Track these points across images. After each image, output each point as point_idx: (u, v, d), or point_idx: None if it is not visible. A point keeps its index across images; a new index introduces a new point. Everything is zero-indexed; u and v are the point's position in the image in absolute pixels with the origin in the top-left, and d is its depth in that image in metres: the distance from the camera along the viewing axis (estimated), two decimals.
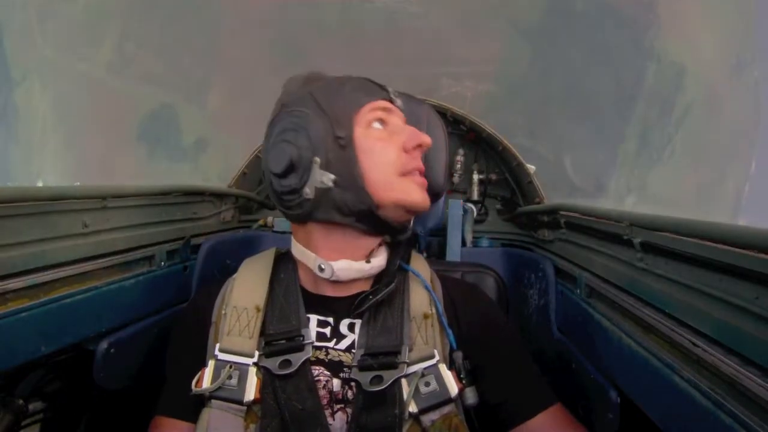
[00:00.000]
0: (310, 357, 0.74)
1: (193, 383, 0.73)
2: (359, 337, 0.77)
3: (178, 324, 0.87)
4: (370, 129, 0.77)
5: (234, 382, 0.71)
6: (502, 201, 1.58)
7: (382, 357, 0.74)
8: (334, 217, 0.76)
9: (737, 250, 0.51)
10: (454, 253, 1.31)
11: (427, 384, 0.72)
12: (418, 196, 0.78)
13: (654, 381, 0.62)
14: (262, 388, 0.72)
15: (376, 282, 0.82)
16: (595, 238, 0.92)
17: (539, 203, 1.39)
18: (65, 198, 0.80)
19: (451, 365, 0.76)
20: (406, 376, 0.72)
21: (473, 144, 1.55)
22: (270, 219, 1.53)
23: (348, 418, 0.72)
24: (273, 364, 0.73)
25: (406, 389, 0.71)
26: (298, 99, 0.78)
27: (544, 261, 1.12)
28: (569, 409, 0.79)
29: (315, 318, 0.80)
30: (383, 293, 0.77)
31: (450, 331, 0.78)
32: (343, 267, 0.78)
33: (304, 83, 0.82)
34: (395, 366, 0.72)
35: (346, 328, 0.79)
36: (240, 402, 0.70)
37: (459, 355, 0.76)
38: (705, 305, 0.57)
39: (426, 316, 0.79)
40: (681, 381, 0.57)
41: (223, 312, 0.79)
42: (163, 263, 1.06)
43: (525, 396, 0.77)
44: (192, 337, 0.81)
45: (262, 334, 0.76)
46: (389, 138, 0.78)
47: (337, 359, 0.76)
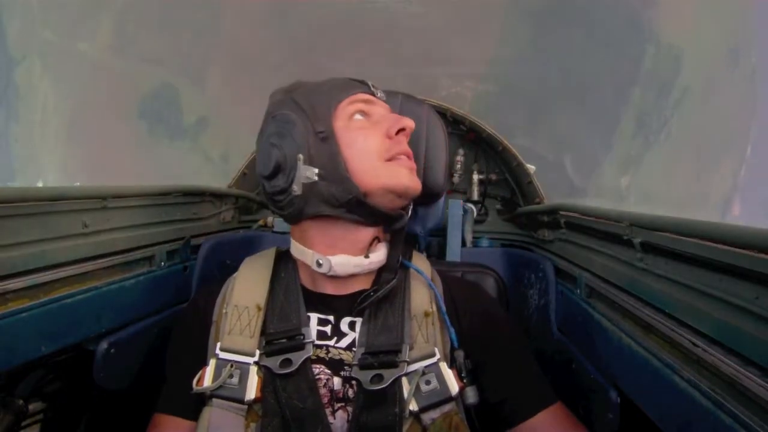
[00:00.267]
0: (310, 356, 0.75)
1: (194, 382, 0.73)
2: (360, 336, 0.77)
3: (178, 323, 0.88)
4: (351, 121, 0.78)
5: (235, 381, 0.72)
6: (502, 201, 1.58)
7: (382, 356, 0.74)
8: (324, 211, 0.77)
9: (737, 250, 0.51)
10: (454, 253, 1.31)
11: (428, 382, 0.72)
12: (405, 178, 0.79)
13: (654, 381, 0.62)
14: (262, 387, 0.72)
15: (376, 281, 0.82)
16: (595, 238, 0.92)
17: (539, 203, 1.39)
18: (65, 198, 0.80)
19: (452, 363, 0.76)
20: (406, 374, 0.72)
21: (473, 144, 1.55)
22: (270, 219, 1.54)
23: (348, 416, 0.72)
24: (274, 363, 0.73)
25: (406, 388, 0.71)
26: (281, 105, 0.80)
27: (544, 261, 1.12)
28: (569, 409, 0.79)
29: (315, 316, 0.80)
30: (385, 289, 0.77)
31: (452, 329, 0.78)
32: (341, 262, 0.78)
33: (286, 92, 0.84)
34: (396, 365, 0.72)
35: (346, 326, 0.79)
36: (241, 401, 0.71)
37: (460, 354, 0.77)
38: (705, 305, 0.57)
39: (427, 314, 0.79)
40: (681, 381, 0.57)
41: (224, 311, 0.79)
42: (163, 263, 1.06)
43: (526, 394, 0.77)
44: (193, 337, 0.81)
45: (262, 333, 0.77)
46: (372, 127, 0.79)
47: (338, 357, 0.76)
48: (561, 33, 1.36)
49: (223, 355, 0.74)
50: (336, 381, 0.74)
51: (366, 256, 0.80)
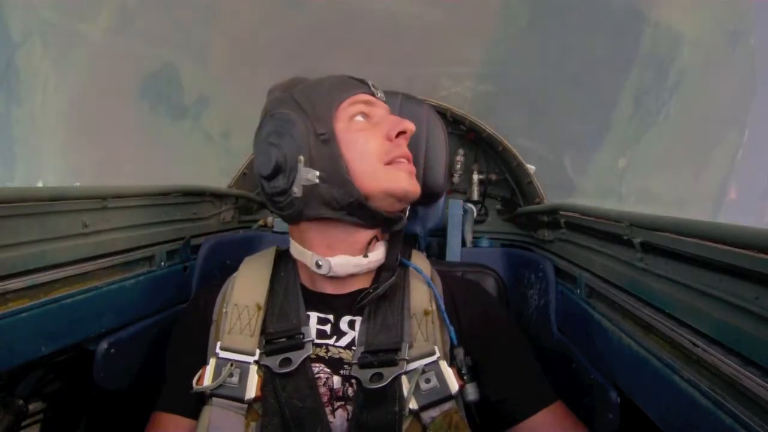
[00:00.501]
0: (310, 354, 0.75)
1: (194, 381, 0.73)
2: (359, 335, 0.77)
3: (178, 323, 0.88)
4: (352, 122, 0.78)
5: (235, 380, 0.72)
6: (502, 201, 1.58)
7: (382, 354, 0.74)
8: (324, 213, 0.77)
9: (737, 250, 0.51)
10: (454, 254, 1.31)
11: (428, 381, 0.72)
12: (405, 182, 0.79)
13: (654, 381, 0.62)
14: (262, 386, 0.72)
15: (375, 280, 0.82)
16: (595, 238, 0.93)
17: (539, 203, 1.39)
18: (65, 198, 0.80)
19: (452, 362, 0.76)
20: (406, 372, 0.72)
21: (473, 144, 1.55)
22: (270, 219, 1.54)
23: (348, 415, 0.72)
24: (273, 362, 0.73)
25: (406, 386, 0.71)
26: (280, 103, 0.80)
27: (544, 261, 1.12)
28: (569, 409, 0.79)
29: (315, 315, 0.80)
30: (384, 286, 0.78)
31: (451, 327, 0.78)
32: (341, 262, 0.78)
33: (285, 89, 0.83)
34: (395, 363, 0.72)
35: (346, 325, 0.79)
36: (241, 400, 0.71)
37: (460, 352, 0.77)
38: (705, 305, 0.57)
39: (426, 312, 0.79)
40: (681, 381, 0.57)
41: (224, 310, 0.79)
42: (163, 263, 1.06)
43: (526, 393, 0.77)
44: (193, 336, 0.81)
45: (262, 332, 0.77)
46: (372, 129, 0.79)
47: (338, 356, 0.76)
48: (559, 15, 1.35)
49: (223, 354, 0.74)
50: (335, 380, 0.74)
51: (365, 255, 0.80)
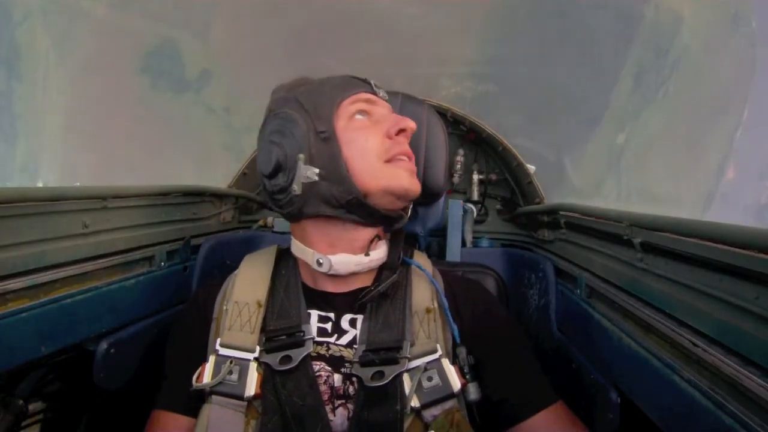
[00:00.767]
0: (310, 352, 0.75)
1: (194, 378, 0.73)
2: (361, 333, 0.77)
3: (178, 321, 0.88)
4: (352, 121, 0.78)
5: (235, 377, 0.72)
6: (502, 201, 1.58)
7: (383, 352, 0.74)
8: (324, 211, 0.77)
9: (737, 250, 0.51)
10: (454, 254, 1.31)
11: (430, 379, 0.72)
12: (405, 180, 0.79)
13: (654, 381, 0.62)
14: (262, 383, 0.72)
15: (377, 278, 0.82)
16: (595, 238, 0.93)
17: (539, 203, 1.39)
18: (65, 198, 0.80)
19: (454, 360, 0.76)
20: (408, 371, 0.72)
21: (473, 144, 1.55)
22: (270, 219, 1.54)
23: (349, 413, 0.72)
24: (273, 359, 0.73)
25: (408, 384, 0.71)
26: (283, 102, 0.80)
27: (544, 261, 1.12)
28: (569, 409, 0.79)
29: (316, 313, 0.80)
30: (386, 283, 0.78)
31: (455, 325, 0.78)
32: (342, 260, 0.78)
33: (289, 89, 0.84)
34: (396, 361, 0.72)
35: (347, 323, 0.79)
36: (240, 397, 0.70)
37: (462, 350, 0.76)
38: (705, 305, 0.57)
39: (428, 310, 0.79)
40: (681, 381, 0.57)
41: (225, 307, 0.79)
42: (163, 263, 1.06)
43: (526, 394, 0.77)
44: (193, 333, 0.81)
45: (263, 329, 0.77)
46: (372, 127, 0.79)
47: (338, 354, 0.76)
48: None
49: (223, 351, 0.74)
50: (336, 378, 0.74)
51: (366, 254, 0.80)
